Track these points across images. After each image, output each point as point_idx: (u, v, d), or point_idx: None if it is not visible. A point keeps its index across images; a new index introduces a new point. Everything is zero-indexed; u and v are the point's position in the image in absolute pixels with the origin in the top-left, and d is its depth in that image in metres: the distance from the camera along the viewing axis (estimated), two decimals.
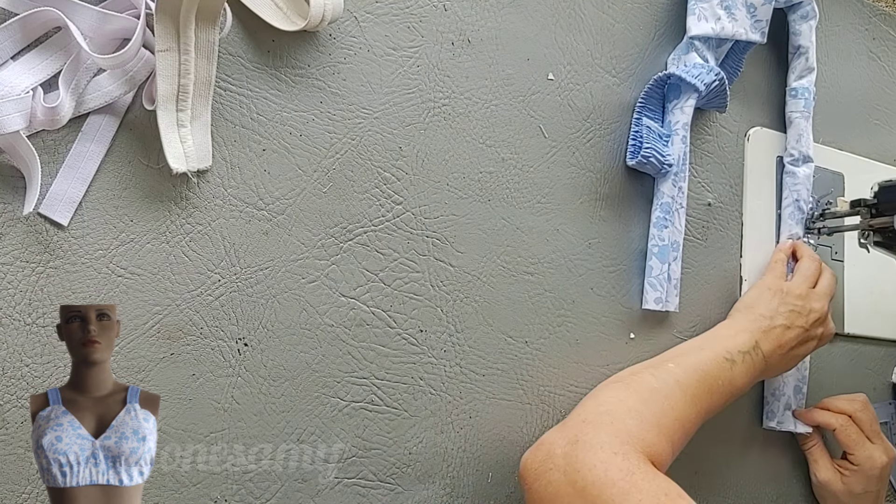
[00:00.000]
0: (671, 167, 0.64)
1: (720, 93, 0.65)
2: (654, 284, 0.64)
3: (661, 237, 0.64)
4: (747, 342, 0.61)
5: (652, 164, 0.63)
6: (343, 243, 0.54)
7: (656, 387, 0.55)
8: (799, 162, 0.72)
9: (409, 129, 0.57)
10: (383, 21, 0.56)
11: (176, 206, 0.49)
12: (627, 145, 0.65)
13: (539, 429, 0.60)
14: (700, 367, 0.58)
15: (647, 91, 0.65)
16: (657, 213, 0.65)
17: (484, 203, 0.59)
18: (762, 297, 0.66)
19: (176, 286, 0.49)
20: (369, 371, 0.54)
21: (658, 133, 0.64)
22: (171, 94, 0.47)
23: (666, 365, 0.58)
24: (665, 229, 0.64)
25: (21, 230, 0.45)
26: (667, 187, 0.64)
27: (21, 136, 0.44)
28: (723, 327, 0.64)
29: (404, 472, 0.55)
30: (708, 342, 0.62)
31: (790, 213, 0.71)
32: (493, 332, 0.59)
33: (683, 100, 0.64)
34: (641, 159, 0.63)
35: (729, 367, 0.59)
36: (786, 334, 0.63)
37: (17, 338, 0.45)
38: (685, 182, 0.65)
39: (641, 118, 0.64)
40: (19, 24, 0.45)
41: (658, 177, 0.65)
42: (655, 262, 0.64)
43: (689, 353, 0.60)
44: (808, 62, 0.72)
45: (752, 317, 0.64)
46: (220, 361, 0.50)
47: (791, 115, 0.73)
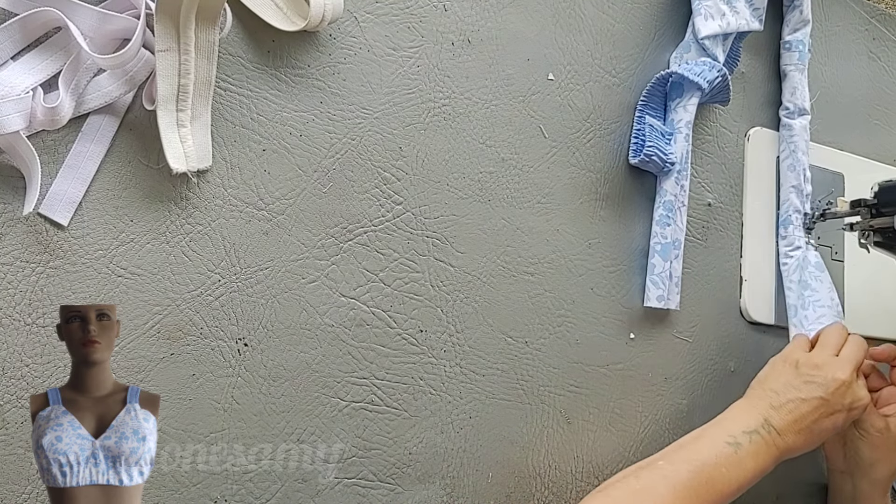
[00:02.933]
0: (674, 165, 0.64)
1: (723, 88, 0.65)
2: (655, 282, 0.64)
3: (664, 235, 0.64)
4: (754, 421, 0.56)
5: (654, 163, 0.63)
6: (343, 243, 0.54)
7: (638, 488, 0.51)
8: (794, 115, 0.72)
9: (409, 129, 0.57)
10: (383, 21, 0.56)
11: (176, 206, 0.49)
12: (630, 143, 0.65)
13: (539, 429, 0.60)
14: (695, 459, 0.53)
15: (650, 89, 0.65)
16: (660, 210, 0.65)
17: (484, 203, 0.59)
18: (774, 369, 0.61)
19: (176, 286, 0.49)
20: (369, 371, 0.54)
21: (661, 131, 0.64)
22: (171, 94, 0.47)
23: (655, 463, 0.54)
24: (668, 227, 0.64)
25: (21, 230, 0.45)
26: (670, 185, 0.64)
27: (21, 136, 0.44)
28: (731, 409, 0.59)
29: (404, 472, 0.55)
30: (708, 428, 0.57)
31: (789, 164, 0.71)
32: (493, 332, 0.59)
33: (686, 98, 0.64)
34: (644, 157, 0.63)
35: (733, 452, 0.53)
36: (801, 407, 0.57)
37: (17, 338, 0.45)
38: (687, 180, 0.65)
39: (644, 116, 0.64)
40: (19, 24, 0.45)
41: (661, 175, 0.65)
42: (658, 259, 0.64)
43: (685, 445, 0.55)
44: (802, 14, 0.72)
45: (762, 392, 0.59)
46: (220, 361, 0.50)
47: (785, 67, 0.73)
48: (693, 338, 0.67)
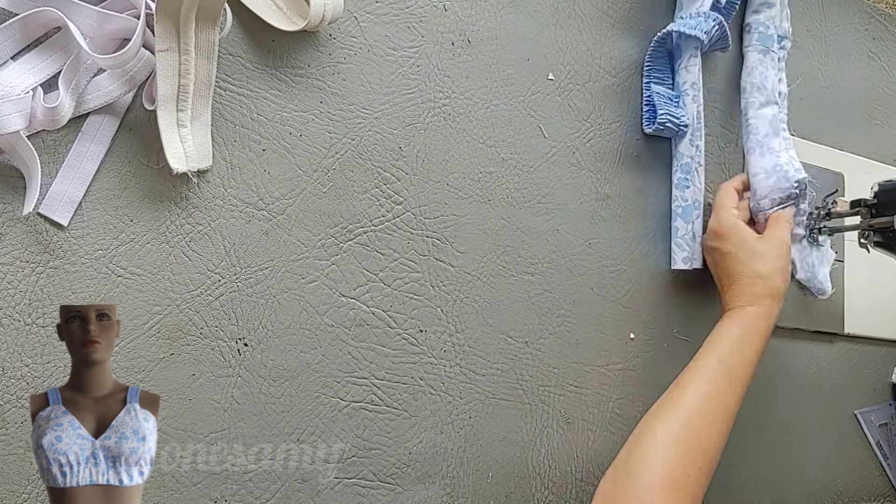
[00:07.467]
0: (686, 127, 0.65)
1: (721, 36, 0.65)
2: (680, 245, 0.65)
3: (684, 197, 0.65)
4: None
5: (668, 129, 0.64)
6: (343, 243, 0.54)
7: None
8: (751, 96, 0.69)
9: (409, 129, 0.57)
10: (383, 21, 0.56)
11: (176, 206, 0.49)
12: (642, 113, 0.66)
13: (539, 429, 0.60)
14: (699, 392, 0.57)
15: (651, 54, 0.66)
16: (678, 174, 0.66)
17: (484, 203, 0.59)
18: None
19: (176, 286, 0.49)
20: (369, 371, 0.54)
21: (668, 96, 0.65)
22: (171, 94, 0.47)
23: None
24: (687, 189, 0.65)
25: (21, 230, 0.45)
26: (685, 147, 0.65)
27: (21, 136, 0.44)
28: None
29: (404, 472, 0.55)
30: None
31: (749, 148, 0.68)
32: (493, 332, 0.59)
33: (686, 58, 0.65)
34: (658, 126, 0.64)
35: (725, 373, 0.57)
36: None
37: (17, 338, 0.45)
38: (702, 140, 0.66)
39: (650, 84, 0.65)
40: (19, 24, 0.45)
41: (675, 139, 0.66)
42: (680, 222, 0.65)
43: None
44: None
45: None
46: (220, 361, 0.50)
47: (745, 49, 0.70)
48: (693, 338, 0.67)
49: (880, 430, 0.78)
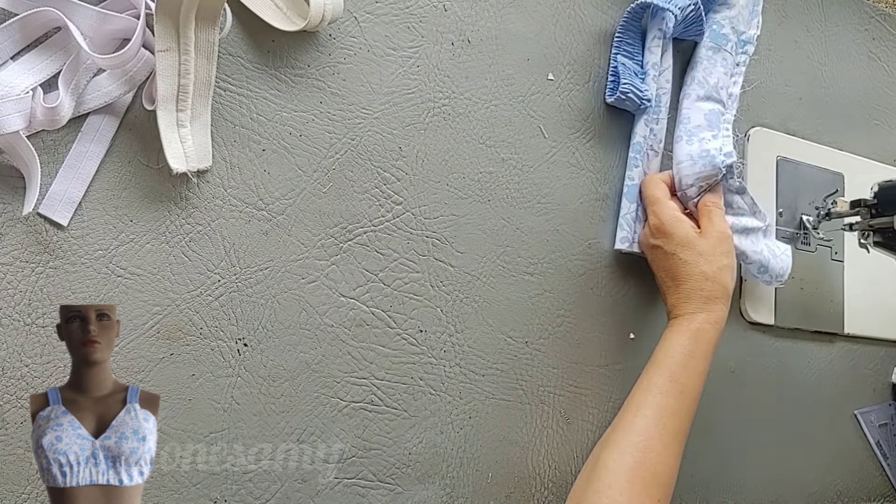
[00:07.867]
0: (650, 102, 0.64)
1: (696, 20, 0.64)
2: (622, 225, 0.64)
3: (631, 177, 0.64)
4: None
5: (631, 100, 0.63)
6: (343, 243, 0.54)
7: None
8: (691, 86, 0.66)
9: (409, 129, 0.57)
10: (383, 21, 0.56)
11: (176, 206, 0.49)
12: (606, 84, 0.65)
13: (538, 429, 0.60)
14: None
15: (623, 25, 0.64)
16: (630, 153, 0.65)
17: (484, 203, 0.59)
18: None
19: (176, 286, 0.49)
20: (369, 371, 0.54)
21: (633, 70, 0.64)
22: (171, 94, 0.47)
23: None
24: (636, 168, 0.64)
25: (21, 230, 0.45)
26: (639, 127, 0.64)
27: (21, 136, 0.44)
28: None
29: (404, 472, 0.55)
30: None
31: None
32: (493, 332, 0.59)
33: (650, 38, 0.64)
34: (620, 95, 0.63)
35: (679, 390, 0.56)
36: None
37: (17, 338, 0.45)
38: (658, 125, 0.65)
39: (618, 55, 0.64)
40: (19, 24, 0.45)
41: (637, 115, 0.65)
42: (625, 202, 0.64)
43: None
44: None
45: None
46: (220, 361, 0.50)
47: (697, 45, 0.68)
48: None
49: (880, 430, 0.78)
